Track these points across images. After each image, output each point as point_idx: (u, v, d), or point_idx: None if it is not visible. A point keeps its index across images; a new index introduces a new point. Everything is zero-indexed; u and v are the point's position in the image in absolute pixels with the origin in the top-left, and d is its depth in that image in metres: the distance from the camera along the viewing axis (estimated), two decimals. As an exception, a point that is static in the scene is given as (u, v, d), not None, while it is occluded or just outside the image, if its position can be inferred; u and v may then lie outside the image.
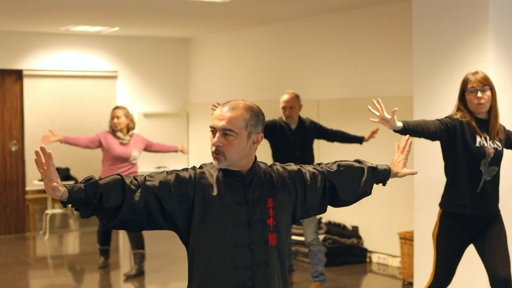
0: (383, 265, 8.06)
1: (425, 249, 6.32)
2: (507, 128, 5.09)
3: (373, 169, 3.28)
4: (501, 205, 4.95)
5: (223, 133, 2.88)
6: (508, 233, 4.90)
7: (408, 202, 7.58)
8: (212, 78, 11.29)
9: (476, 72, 4.81)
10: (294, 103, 6.76)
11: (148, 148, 7.98)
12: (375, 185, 3.30)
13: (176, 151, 8.18)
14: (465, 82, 4.80)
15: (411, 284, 7.02)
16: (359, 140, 7.12)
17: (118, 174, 2.84)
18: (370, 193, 3.26)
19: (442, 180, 5.46)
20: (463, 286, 5.81)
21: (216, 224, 2.87)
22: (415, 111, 6.41)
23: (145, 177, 2.87)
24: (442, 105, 6.13)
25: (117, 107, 7.86)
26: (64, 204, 2.74)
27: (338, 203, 3.21)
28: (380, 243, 8.13)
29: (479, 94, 4.72)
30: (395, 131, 4.69)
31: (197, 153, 11.46)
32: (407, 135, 3.55)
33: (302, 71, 9.41)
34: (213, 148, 2.90)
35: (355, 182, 3.20)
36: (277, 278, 2.95)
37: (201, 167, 3.00)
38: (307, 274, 7.35)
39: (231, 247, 2.88)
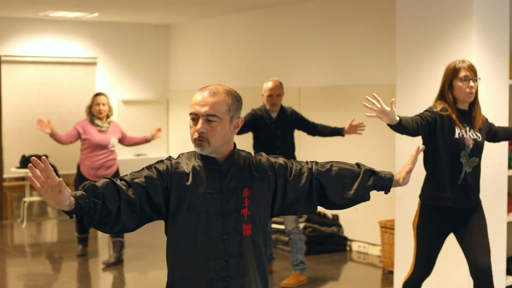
0: (363, 254, 8.05)
1: (405, 238, 6.31)
2: (490, 120, 5.09)
3: (371, 174, 3.10)
4: (482, 195, 4.93)
5: (206, 119, 2.83)
6: (488, 222, 4.90)
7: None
8: (192, 65, 11.21)
9: (464, 61, 4.77)
10: (280, 90, 6.69)
11: (121, 141, 7.87)
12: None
13: (147, 141, 8.02)
14: (455, 70, 4.73)
15: (391, 272, 7.02)
16: (339, 132, 6.88)
17: (106, 178, 2.81)
18: (367, 199, 3.10)
19: (423, 168, 5.44)
20: (444, 275, 5.80)
21: (189, 214, 2.84)
22: (397, 100, 6.37)
23: (130, 176, 2.85)
24: (424, 94, 6.10)
25: (100, 94, 7.77)
26: (70, 214, 2.66)
27: (329, 205, 3.08)
28: (360, 231, 8.12)
29: (472, 83, 4.69)
30: (390, 125, 4.53)
31: (177, 140, 11.40)
32: (420, 146, 3.29)
33: (283, 59, 9.36)
34: (196, 135, 2.84)
35: (347, 184, 3.05)
36: (252, 269, 2.89)
37: (178, 157, 2.96)
38: (287, 262, 7.32)
39: (204, 237, 2.83)
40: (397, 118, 4.48)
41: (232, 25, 10.35)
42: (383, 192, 3.16)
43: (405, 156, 6.26)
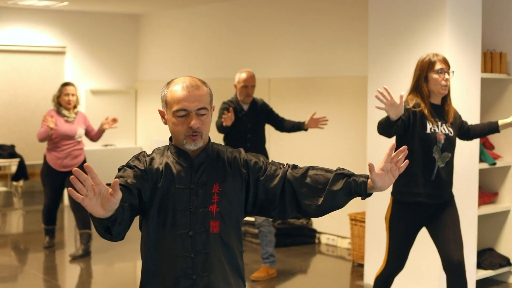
0: (332, 246, 8.03)
1: (376, 231, 6.29)
2: (462, 112, 5.08)
3: (342, 178, 2.82)
4: (454, 188, 4.92)
5: (196, 113, 2.78)
6: (459, 216, 4.88)
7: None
8: (161, 56, 11.11)
9: (437, 54, 4.75)
10: (254, 82, 6.61)
11: (86, 133, 7.73)
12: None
13: (103, 131, 7.80)
14: (430, 62, 4.71)
15: (361, 265, 7.00)
16: (300, 127, 6.70)
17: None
18: (340, 205, 2.82)
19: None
20: (414, 269, 5.79)
21: (158, 210, 2.78)
22: (369, 92, 6.34)
23: (123, 179, 2.74)
24: (397, 86, 6.07)
25: (69, 84, 7.65)
26: (106, 222, 2.54)
27: (302, 213, 2.89)
28: (329, 224, 8.09)
29: (447, 76, 4.68)
30: (391, 121, 4.47)
31: (145, 130, 11.29)
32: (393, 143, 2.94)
33: (253, 50, 9.29)
34: (190, 131, 2.78)
35: (319, 190, 2.84)
36: (220, 267, 2.81)
37: (153, 152, 2.91)
38: (256, 255, 7.27)
39: (171, 233, 2.77)
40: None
41: (201, 16, 10.26)
42: (360, 197, 2.85)
43: (377, 148, 6.24)
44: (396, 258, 4.90)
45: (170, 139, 2.92)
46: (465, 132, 4.97)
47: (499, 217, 6.55)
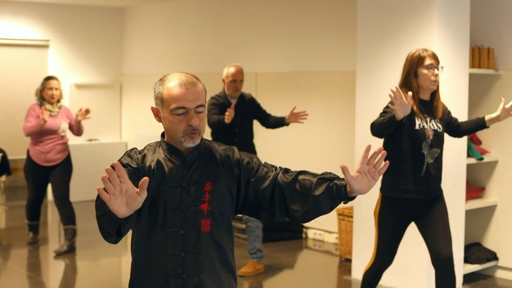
0: (319, 241, 8.01)
1: (364, 226, 6.28)
2: (451, 107, 5.06)
3: (325, 182, 2.76)
4: (442, 183, 4.90)
5: (195, 110, 2.75)
6: (448, 211, 4.87)
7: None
8: (147, 50, 11.03)
9: (426, 50, 4.73)
10: (243, 76, 6.57)
11: (70, 127, 7.62)
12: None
13: (79, 123, 7.68)
14: (420, 58, 4.69)
15: (348, 260, 6.98)
16: (281, 122, 6.66)
17: None
18: (324, 210, 2.76)
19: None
20: (402, 264, 5.77)
21: (149, 208, 2.74)
22: (358, 87, 6.32)
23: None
24: (385, 81, 6.06)
25: (52, 78, 7.56)
26: (124, 222, 2.52)
27: (291, 217, 2.82)
28: (316, 219, 8.04)
29: (436, 71, 4.67)
30: (396, 120, 4.47)
31: (130, 124, 11.20)
32: (369, 144, 2.79)
33: (240, 44, 9.23)
34: (190, 129, 2.74)
35: (306, 194, 2.76)
36: (210, 266, 2.77)
37: (144, 148, 2.87)
38: (243, 250, 7.24)
39: (162, 232, 2.74)
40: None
41: (187, 9, 10.19)
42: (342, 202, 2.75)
43: (365, 143, 6.21)
44: (385, 253, 4.90)
45: (162, 135, 2.88)
46: (455, 128, 4.95)
47: (486, 212, 6.56)
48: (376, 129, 4.62)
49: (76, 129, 7.63)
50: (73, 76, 10.95)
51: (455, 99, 5.81)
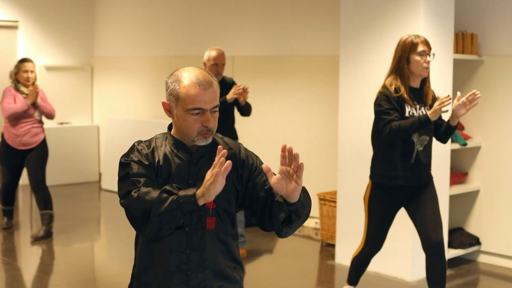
0: (297, 226, 7.97)
1: (347, 211, 6.28)
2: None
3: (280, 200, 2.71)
4: (430, 170, 4.91)
5: (211, 111, 2.73)
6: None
7: (327, 162, 7.51)
8: (118, 31, 10.86)
9: (419, 36, 4.71)
10: (224, 59, 6.51)
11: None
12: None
13: (34, 104, 7.50)
14: (413, 44, 4.66)
15: (330, 245, 6.98)
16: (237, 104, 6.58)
17: (148, 185, 2.67)
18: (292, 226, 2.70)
19: (366, 141, 5.39)
20: (389, 249, 5.78)
21: None
22: (341, 71, 6.29)
23: (141, 180, 2.69)
24: (369, 66, 6.04)
25: (27, 60, 7.42)
26: (200, 209, 2.59)
27: (276, 232, 2.78)
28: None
29: (428, 58, 4.66)
30: (429, 121, 4.53)
31: (101, 108, 11.04)
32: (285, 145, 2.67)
33: (217, 25, 9.10)
34: (205, 129, 2.72)
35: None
36: (215, 263, 2.77)
37: (152, 140, 2.84)
38: (224, 235, 7.19)
39: None
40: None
41: (162, -9, 10.05)
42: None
43: (348, 130, 6.20)
44: (375, 238, 4.93)
45: (169, 128, 2.86)
46: (439, 125, 4.85)
47: (469, 197, 6.60)
48: (402, 134, 4.55)
49: (41, 111, 7.39)
50: (43, 58, 10.74)
51: (439, 85, 5.80)
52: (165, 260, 2.73)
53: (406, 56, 4.68)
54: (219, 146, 2.51)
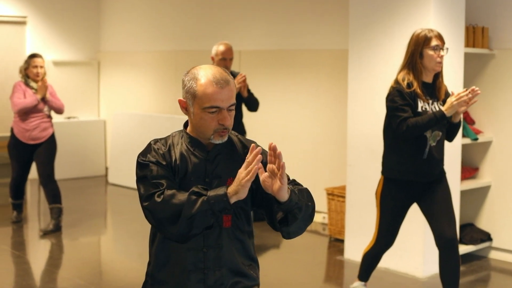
0: (305, 221, 7.95)
1: (357, 205, 6.25)
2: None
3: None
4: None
5: (228, 109, 2.73)
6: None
7: (335, 157, 7.49)
8: (125, 26, 10.84)
9: (432, 30, 4.68)
10: (232, 54, 6.51)
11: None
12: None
13: (43, 100, 7.41)
14: (426, 38, 4.63)
15: (338, 240, 6.97)
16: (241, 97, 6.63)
17: (172, 188, 2.68)
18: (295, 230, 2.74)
19: (376, 136, 5.36)
20: (400, 245, 5.75)
21: None
22: (350, 66, 6.25)
23: (164, 181, 2.69)
24: (379, 60, 6.01)
25: (37, 56, 7.44)
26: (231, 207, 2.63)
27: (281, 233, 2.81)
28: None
29: (442, 53, 4.63)
30: (445, 118, 4.56)
31: (108, 103, 11.04)
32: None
33: (223, 19, 9.07)
34: (221, 127, 2.72)
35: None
36: (231, 261, 2.78)
37: (169, 139, 2.83)
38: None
39: None
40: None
41: (169, -14, 10.02)
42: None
43: (357, 124, 6.17)
44: (387, 234, 4.90)
45: (185, 125, 2.86)
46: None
47: (479, 192, 6.57)
48: (418, 131, 4.52)
49: (50, 107, 7.41)
50: (51, 53, 10.74)
51: (450, 79, 5.77)
52: (182, 259, 2.75)
53: (419, 50, 4.64)
54: (252, 145, 2.55)
